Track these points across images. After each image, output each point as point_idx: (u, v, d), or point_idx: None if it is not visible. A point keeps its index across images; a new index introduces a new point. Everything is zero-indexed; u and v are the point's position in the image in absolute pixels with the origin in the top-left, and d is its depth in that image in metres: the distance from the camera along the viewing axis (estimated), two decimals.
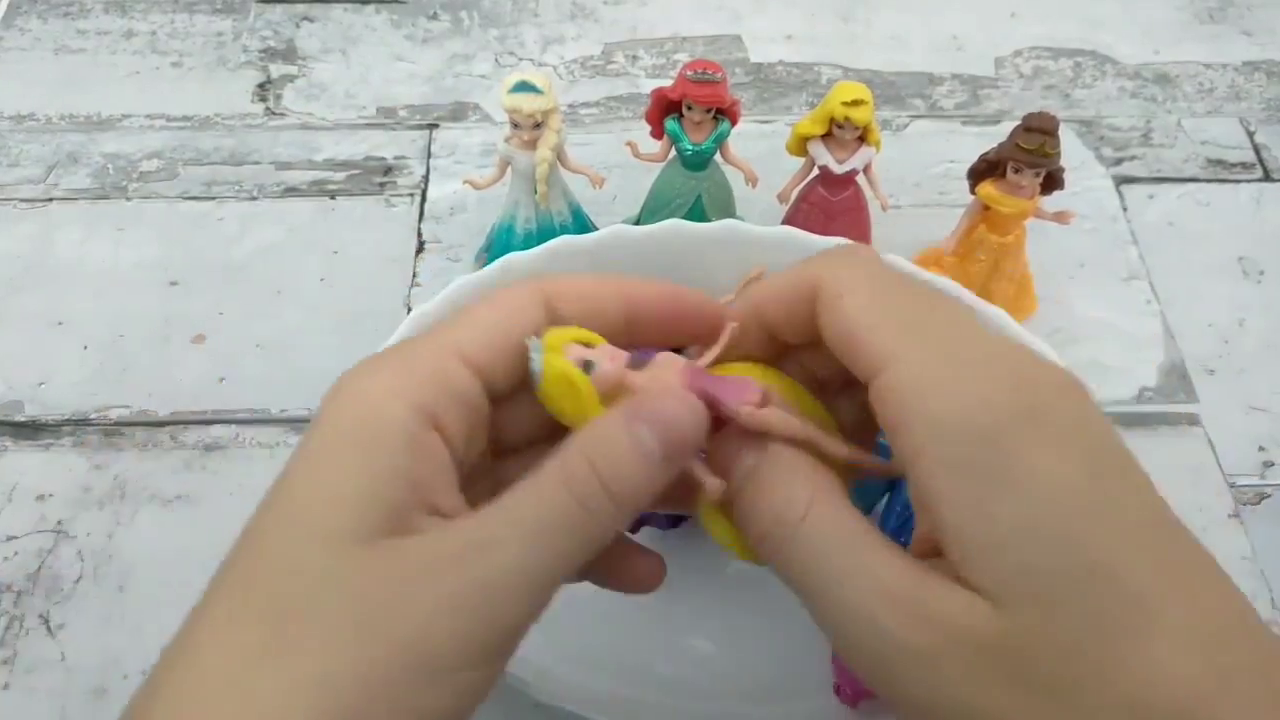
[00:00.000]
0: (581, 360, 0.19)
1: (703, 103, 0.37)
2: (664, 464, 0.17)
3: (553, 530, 0.17)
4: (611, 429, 0.18)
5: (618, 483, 0.17)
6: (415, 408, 0.17)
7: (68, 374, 0.40)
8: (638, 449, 0.17)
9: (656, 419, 0.18)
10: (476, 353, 0.18)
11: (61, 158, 0.48)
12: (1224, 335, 0.42)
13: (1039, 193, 0.38)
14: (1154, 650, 0.16)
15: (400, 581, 0.16)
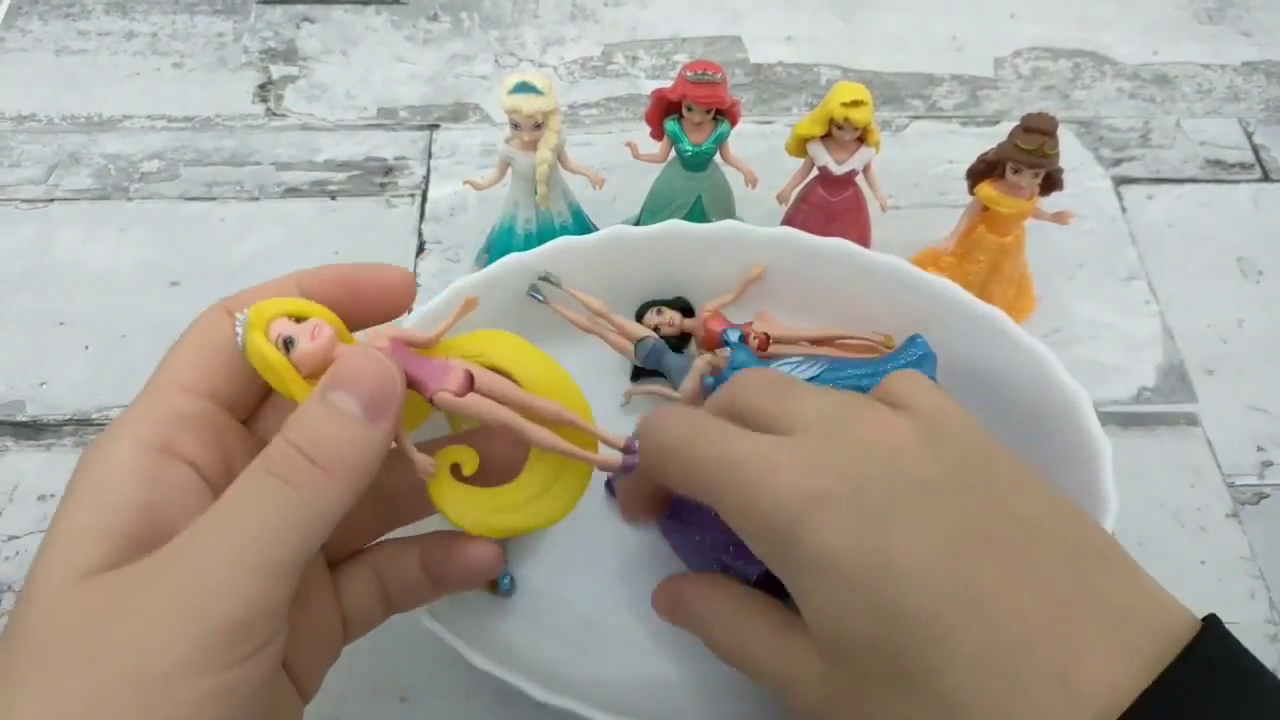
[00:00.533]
0: (283, 337, 0.19)
1: (702, 103, 0.37)
2: (369, 422, 0.18)
3: (255, 515, 0.17)
4: (308, 404, 0.19)
5: (320, 450, 0.18)
6: (141, 443, 0.18)
7: (69, 374, 0.40)
8: (334, 413, 0.18)
9: (347, 380, 0.19)
10: (193, 378, 0.20)
11: (63, 158, 0.48)
12: (1223, 335, 0.42)
13: (1038, 193, 0.38)
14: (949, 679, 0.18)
15: (115, 606, 0.17)
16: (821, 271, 0.37)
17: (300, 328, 0.19)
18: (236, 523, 0.17)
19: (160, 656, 0.16)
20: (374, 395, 0.19)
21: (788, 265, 0.37)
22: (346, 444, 0.18)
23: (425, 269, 0.44)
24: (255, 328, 0.19)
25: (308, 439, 0.18)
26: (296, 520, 0.18)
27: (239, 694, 0.17)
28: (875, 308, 0.37)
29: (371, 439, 0.18)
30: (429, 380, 0.20)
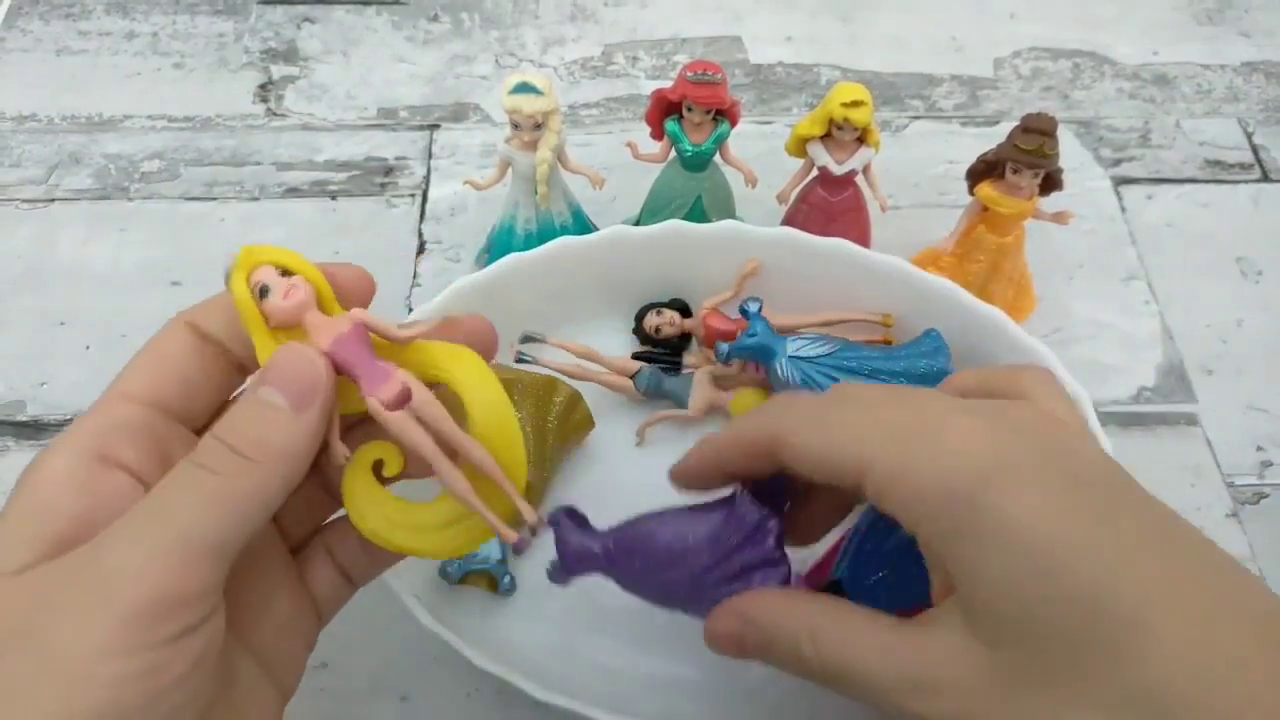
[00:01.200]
0: (260, 285, 0.20)
1: (702, 104, 0.37)
2: (297, 413, 0.19)
3: (175, 501, 0.18)
4: (238, 403, 0.19)
5: (243, 440, 0.18)
6: (79, 452, 0.19)
7: (69, 374, 0.41)
8: (260, 406, 0.19)
9: (275, 376, 0.19)
10: (140, 387, 0.20)
11: (63, 158, 0.48)
12: (1222, 335, 0.42)
13: (1038, 193, 0.38)
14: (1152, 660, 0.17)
15: (37, 597, 0.17)
16: (821, 271, 0.37)
17: (280, 281, 0.20)
18: (157, 509, 0.18)
19: (79, 639, 0.16)
20: (300, 387, 0.19)
21: (788, 265, 0.37)
22: (270, 433, 0.19)
23: (425, 269, 0.44)
24: (240, 267, 0.20)
25: (232, 431, 0.19)
26: (217, 504, 0.18)
27: (167, 675, 0.17)
28: (875, 308, 0.37)
29: (296, 428, 0.19)
30: (365, 381, 0.20)
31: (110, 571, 0.17)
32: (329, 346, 0.20)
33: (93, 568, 0.17)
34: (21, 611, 0.17)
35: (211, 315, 0.21)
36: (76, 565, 0.17)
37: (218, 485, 0.18)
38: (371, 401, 0.20)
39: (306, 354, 0.20)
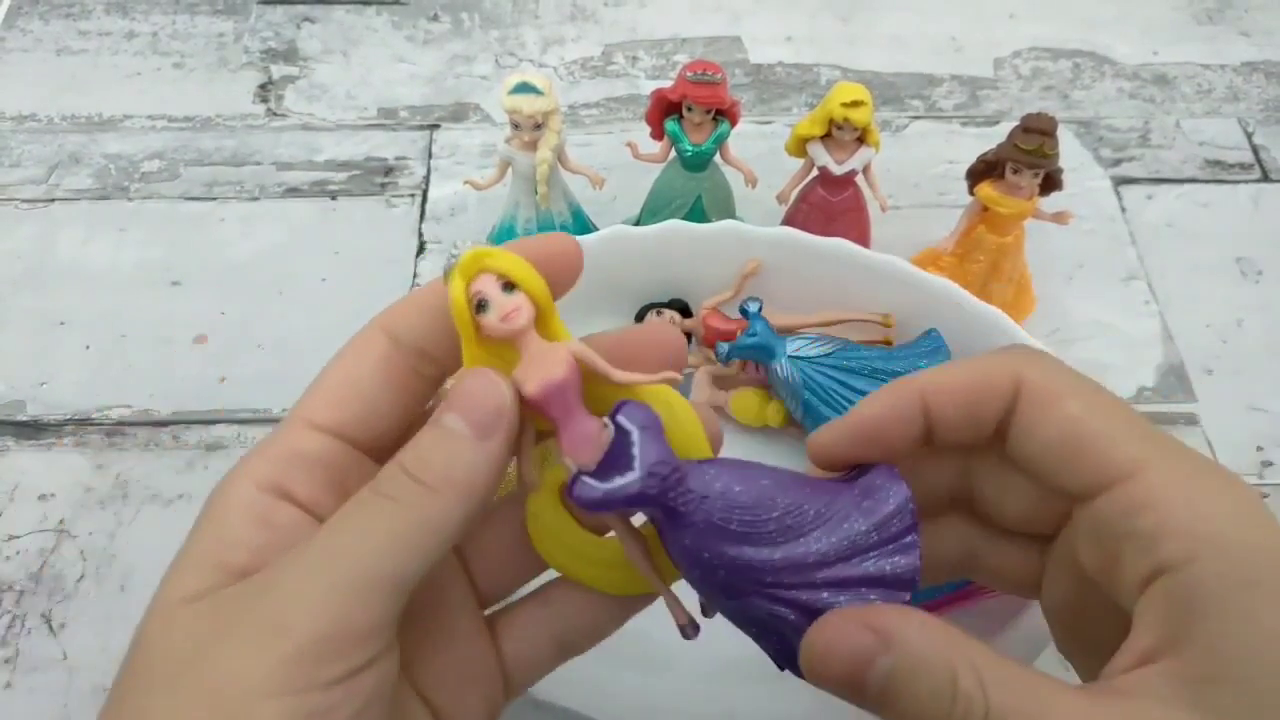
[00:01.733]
0: (480, 298, 0.18)
1: (702, 103, 0.37)
2: (479, 441, 0.18)
3: (351, 531, 0.17)
4: (422, 430, 0.18)
5: (426, 468, 0.17)
6: (258, 483, 0.18)
7: (69, 374, 0.41)
8: (443, 434, 0.18)
9: (457, 402, 0.18)
10: (325, 415, 0.19)
11: (63, 158, 0.48)
12: (1222, 335, 0.42)
13: (1038, 193, 0.38)
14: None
15: (208, 627, 0.16)
16: (821, 271, 0.37)
17: (500, 298, 0.18)
18: (333, 539, 0.17)
19: (241, 675, 0.16)
20: (483, 414, 0.18)
21: (788, 265, 0.37)
22: (452, 462, 0.18)
23: (425, 269, 0.44)
24: (462, 271, 0.18)
25: (414, 458, 0.18)
26: (396, 535, 0.17)
27: (333, 718, 0.16)
28: (875, 308, 0.37)
29: (479, 456, 0.18)
30: (567, 437, 0.18)
31: (281, 604, 0.16)
32: (537, 392, 0.18)
33: (264, 600, 0.16)
34: (191, 641, 0.16)
35: (409, 320, 0.20)
36: (248, 596, 0.17)
37: (395, 515, 0.17)
38: (568, 463, 0.18)
39: (490, 379, 0.18)
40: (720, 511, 0.18)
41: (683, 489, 0.18)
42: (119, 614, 0.34)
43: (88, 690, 0.33)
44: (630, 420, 0.18)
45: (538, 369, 0.18)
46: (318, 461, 0.19)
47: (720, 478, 0.18)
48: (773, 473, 0.19)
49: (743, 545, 0.18)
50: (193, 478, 0.38)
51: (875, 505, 0.18)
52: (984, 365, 0.19)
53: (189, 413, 0.39)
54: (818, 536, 0.18)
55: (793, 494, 0.18)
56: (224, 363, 0.41)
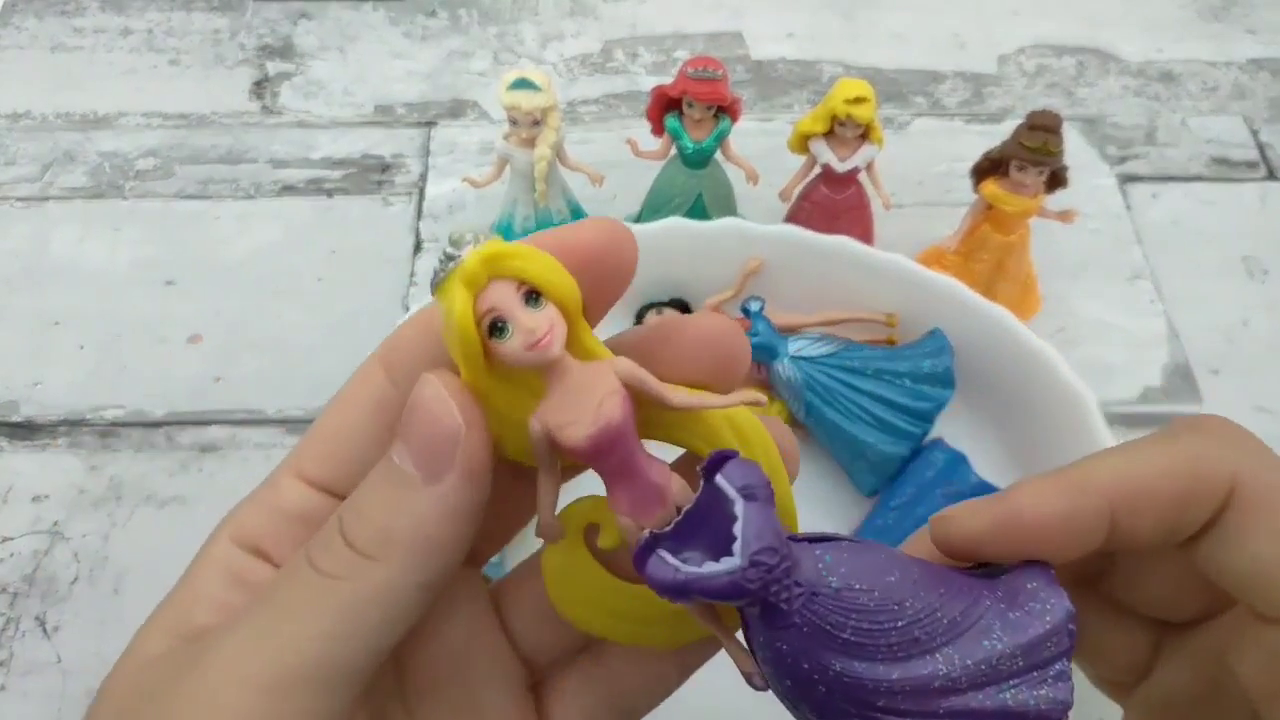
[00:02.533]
0: (496, 318, 0.13)
1: (703, 100, 0.37)
2: (429, 485, 0.14)
3: (268, 617, 0.14)
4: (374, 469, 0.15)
5: (360, 527, 0.14)
6: (237, 537, 0.16)
7: (63, 374, 0.40)
8: (382, 475, 0.14)
9: (404, 430, 0.14)
10: (314, 467, 0.16)
11: (58, 156, 0.47)
12: (1228, 335, 0.42)
13: (1043, 191, 0.38)
14: None
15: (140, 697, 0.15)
16: (824, 270, 0.36)
17: (526, 317, 0.13)
18: (250, 625, 0.14)
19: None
20: (430, 446, 0.14)
21: (790, 263, 0.37)
22: (394, 516, 0.14)
23: (422, 267, 0.43)
24: (468, 281, 0.13)
25: (350, 515, 0.14)
26: (324, 618, 0.14)
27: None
28: (879, 306, 0.36)
29: (429, 505, 0.14)
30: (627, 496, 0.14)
31: (184, 704, 0.14)
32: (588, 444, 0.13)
33: (173, 696, 0.14)
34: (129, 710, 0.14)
35: (411, 352, 0.16)
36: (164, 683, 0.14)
37: (326, 591, 0.14)
38: (627, 523, 0.14)
39: (437, 393, 0.14)
40: (832, 615, 0.14)
41: (788, 581, 0.13)
42: (113, 617, 0.34)
43: (81, 694, 0.32)
44: (732, 482, 0.13)
45: (580, 407, 0.14)
46: (299, 518, 0.16)
47: (838, 569, 0.14)
48: (899, 563, 0.15)
49: (853, 659, 0.14)
50: (187, 479, 0.37)
51: (1025, 620, 0.14)
52: (1191, 459, 0.15)
53: (183, 413, 0.39)
54: (949, 654, 0.14)
55: (924, 595, 0.14)
56: (219, 363, 0.40)
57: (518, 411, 0.14)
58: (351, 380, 0.16)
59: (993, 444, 0.36)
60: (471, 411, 0.14)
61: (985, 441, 0.36)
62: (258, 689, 0.14)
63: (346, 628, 0.14)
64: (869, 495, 0.35)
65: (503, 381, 0.14)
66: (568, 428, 0.14)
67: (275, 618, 0.14)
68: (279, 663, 0.14)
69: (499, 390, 0.14)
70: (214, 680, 0.14)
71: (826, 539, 0.15)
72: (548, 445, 0.14)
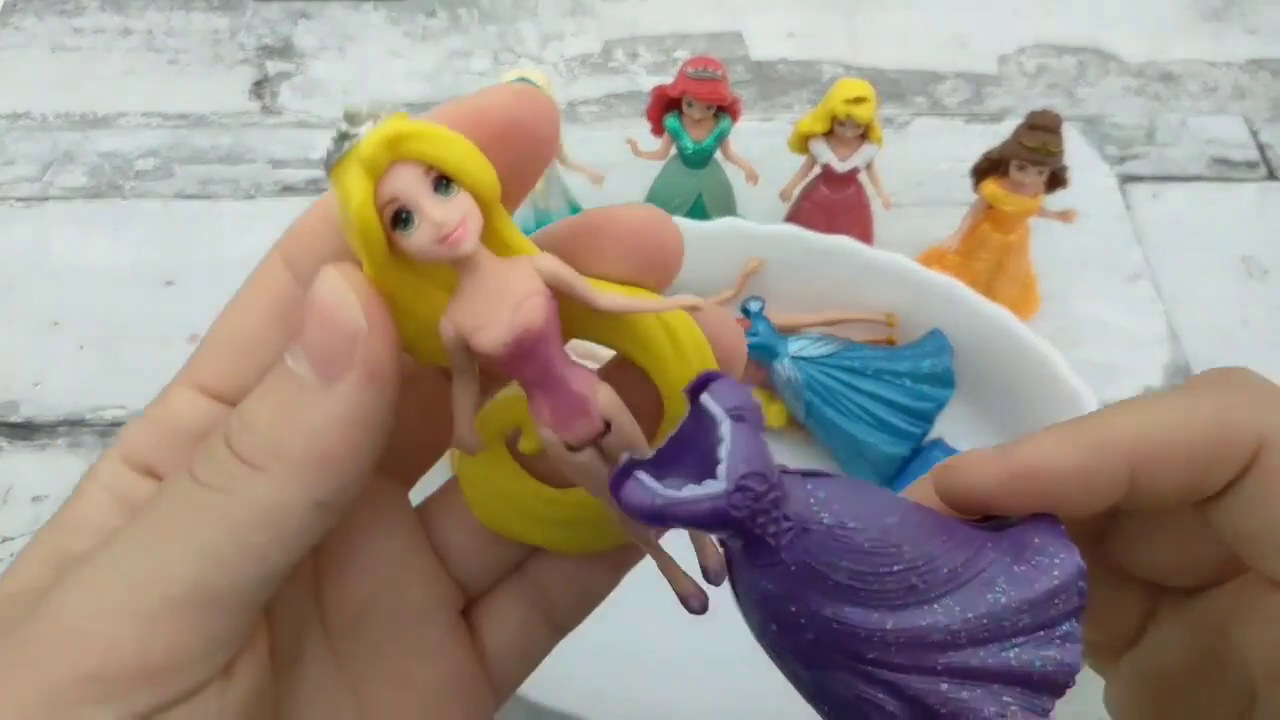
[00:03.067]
0: (399, 208, 0.12)
1: (703, 100, 0.37)
2: (325, 387, 0.13)
3: (146, 534, 0.13)
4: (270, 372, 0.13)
5: (248, 434, 0.13)
6: (126, 457, 0.15)
7: (63, 374, 0.40)
8: (276, 379, 0.13)
9: (305, 332, 0.13)
10: (213, 376, 0.15)
11: (57, 156, 0.47)
12: (1228, 335, 0.42)
13: (1043, 191, 0.38)
14: None
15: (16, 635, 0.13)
16: (824, 270, 0.36)
17: (432, 205, 0.12)
18: (122, 543, 0.13)
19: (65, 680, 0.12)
20: (325, 344, 0.13)
21: (790, 263, 0.37)
22: (287, 425, 0.13)
23: None
24: (366, 166, 0.12)
25: (237, 422, 0.13)
26: (203, 536, 0.13)
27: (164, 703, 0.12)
28: (879, 306, 0.36)
29: (327, 414, 0.13)
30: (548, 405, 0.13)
31: (44, 631, 0.12)
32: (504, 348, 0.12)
33: (32, 623, 0.13)
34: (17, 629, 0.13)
35: (314, 243, 0.14)
36: (22, 613, 0.13)
37: (208, 506, 0.13)
38: (549, 436, 0.13)
39: (336, 287, 0.13)
40: (824, 554, 0.13)
41: (777, 514, 0.12)
42: None
43: None
44: (720, 403, 0.12)
45: (497, 308, 0.12)
46: (195, 432, 0.14)
47: (832, 505, 0.13)
48: (898, 506, 0.13)
49: (845, 603, 0.13)
50: None
51: (1032, 574, 0.13)
52: (1217, 416, 0.14)
53: None
54: (949, 605, 0.13)
55: (924, 542, 0.13)
56: None
57: (429, 308, 0.13)
58: (250, 278, 0.15)
59: (992, 444, 0.35)
60: (374, 307, 0.13)
61: (985, 441, 0.35)
62: (130, 615, 0.12)
63: (230, 547, 0.13)
64: None
65: (411, 274, 0.13)
66: (482, 331, 0.12)
67: (149, 537, 0.13)
68: (153, 587, 0.12)
69: (407, 284, 0.13)
70: (79, 608, 0.12)
71: (820, 474, 0.13)
72: (462, 349, 0.13)
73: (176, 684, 0.12)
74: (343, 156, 0.12)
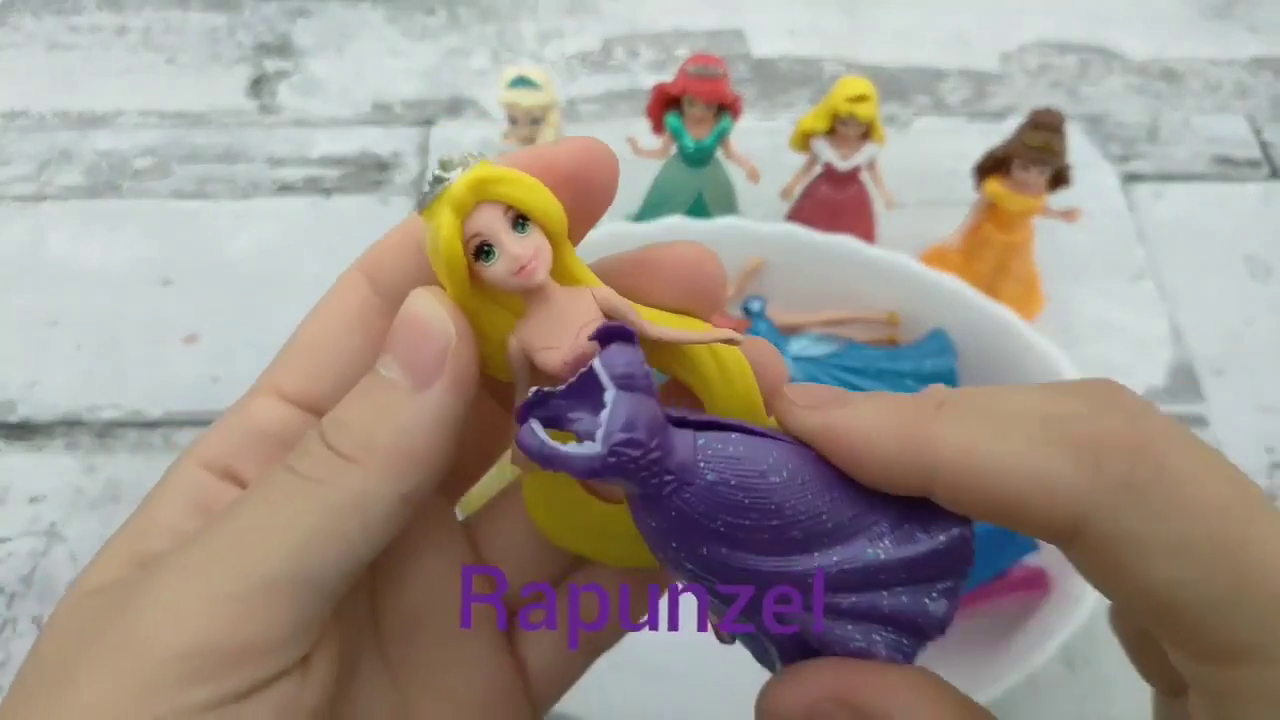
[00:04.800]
0: (482, 242, 0.13)
1: (704, 98, 0.37)
2: (416, 391, 0.14)
3: (243, 521, 0.14)
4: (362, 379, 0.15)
5: (342, 432, 0.14)
6: (204, 461, 0.15)
7: (60, 374, 0.40)
8: (373, 386, 0.14)
9: (393, 338, 0.14)
10: (294, 383, 0.15)
11: (54, 155, 0.47)
12: (1232, 335, 0.42)
13: (1045, 190, 0.37)
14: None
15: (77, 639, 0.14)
16: (826, 269, 0.36)
17: (513, 242, 0.13)
18: (217, 532, 0.14)
19: (92, 701, 0.13)
20: (419, 354, 0.14)
21: (791, 262, 0.36)
22: (377, 421, 0.14)
23: None
24: (455, 206, 0.13)
25: (332, 420, 0.14)
26: (297, 524, 0.13)
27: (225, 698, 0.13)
28: (881, 306, 0.36)
29: (416, 411, 0.14)
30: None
31: (143, 613, 0.13)
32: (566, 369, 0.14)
33: (129, 607, 0.13)
34: (63, 649, 0.13)
35: (396, 260, 0.15)
36: (118, 600, 0.13)
37: (303, 496, 0.14)
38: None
39: (428, 304, 0.14)
40: (702, 506, 0.14)
41: (658, 469, 0.13)
42: None
43: None
44: (610, 370, 0.13)
45: (560, 333, 0.14)
46: (275, 436, 0.15)
47: (715, 462, 0.14)
48: (790, 461, 0.14)
49: (722, 546, 0.14)
50: None
51: (917, 534, 0.14)
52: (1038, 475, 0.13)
53: (181, 414, 0.39)
54: (827, 554, 0.14)
55: (810, 498, 0.14)
56: (217, 363, 0.40)
57: (499, 330, 0.15)
58: (332, 290, 0.16)
59: None
60: (461, 322, 0.14)
61: None
62: (226, 597, 0.13)
63: (324, 533, 0.13)
64: None
65: (486, 300, 0.14)
66: (546, 352, 0.14)
67: (246, 524, 0.14)
68: (250, 568, 0.13)
69: (482, 308, 0.15)
70: (178, 591, 0.13)
71: (718, 425, 0.14)
72: (525, 365, 0.14)
73: (265, 666, 0.13)
74: (435, 198, 0.13)
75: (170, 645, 0.13)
